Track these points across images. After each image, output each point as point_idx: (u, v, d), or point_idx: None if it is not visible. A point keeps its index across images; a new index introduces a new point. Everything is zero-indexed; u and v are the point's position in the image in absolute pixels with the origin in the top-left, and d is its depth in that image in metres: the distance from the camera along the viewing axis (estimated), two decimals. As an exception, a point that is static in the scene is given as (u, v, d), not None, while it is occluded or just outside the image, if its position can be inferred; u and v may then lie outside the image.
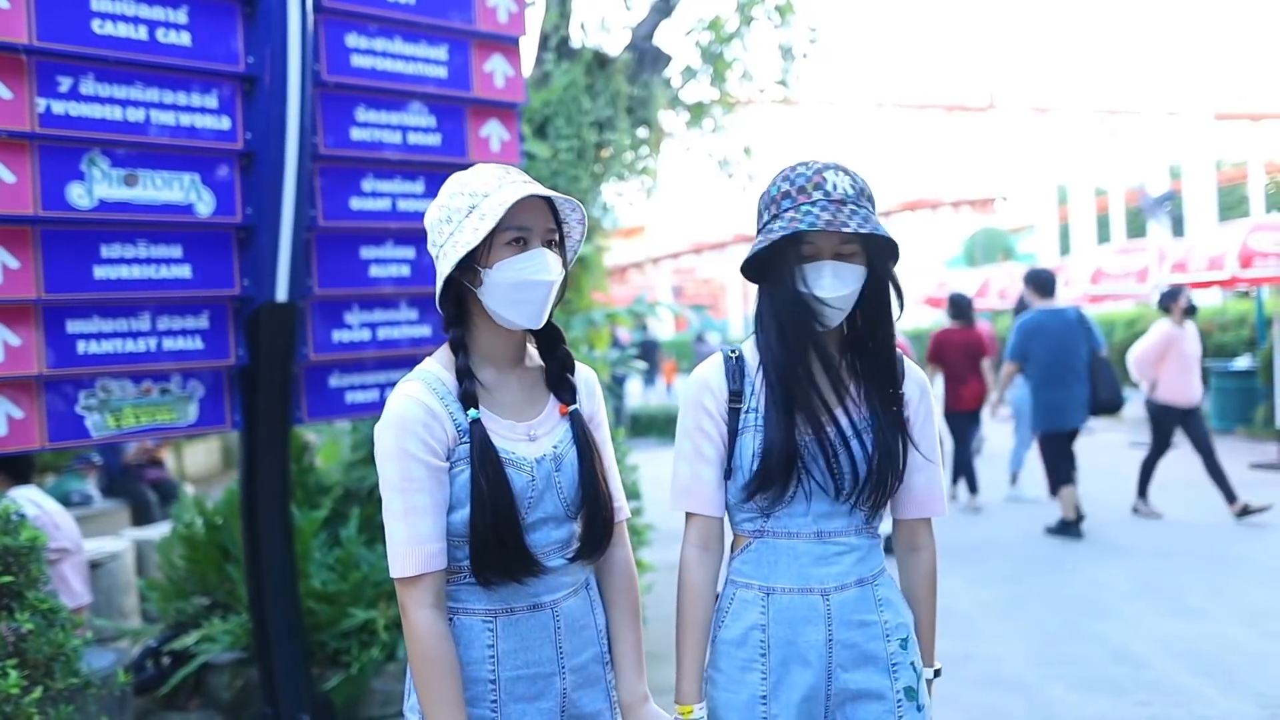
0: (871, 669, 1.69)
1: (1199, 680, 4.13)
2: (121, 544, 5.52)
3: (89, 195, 3.03)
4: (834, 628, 1.67)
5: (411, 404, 1.52)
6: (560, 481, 1.60)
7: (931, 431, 1.78)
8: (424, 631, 1.48)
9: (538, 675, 1.59)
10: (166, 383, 3.31)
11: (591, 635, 1.67)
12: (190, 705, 4.17)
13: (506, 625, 1.57)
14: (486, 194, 1.54)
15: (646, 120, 5.99)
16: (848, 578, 1.69)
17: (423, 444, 1.50)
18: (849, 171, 1.68)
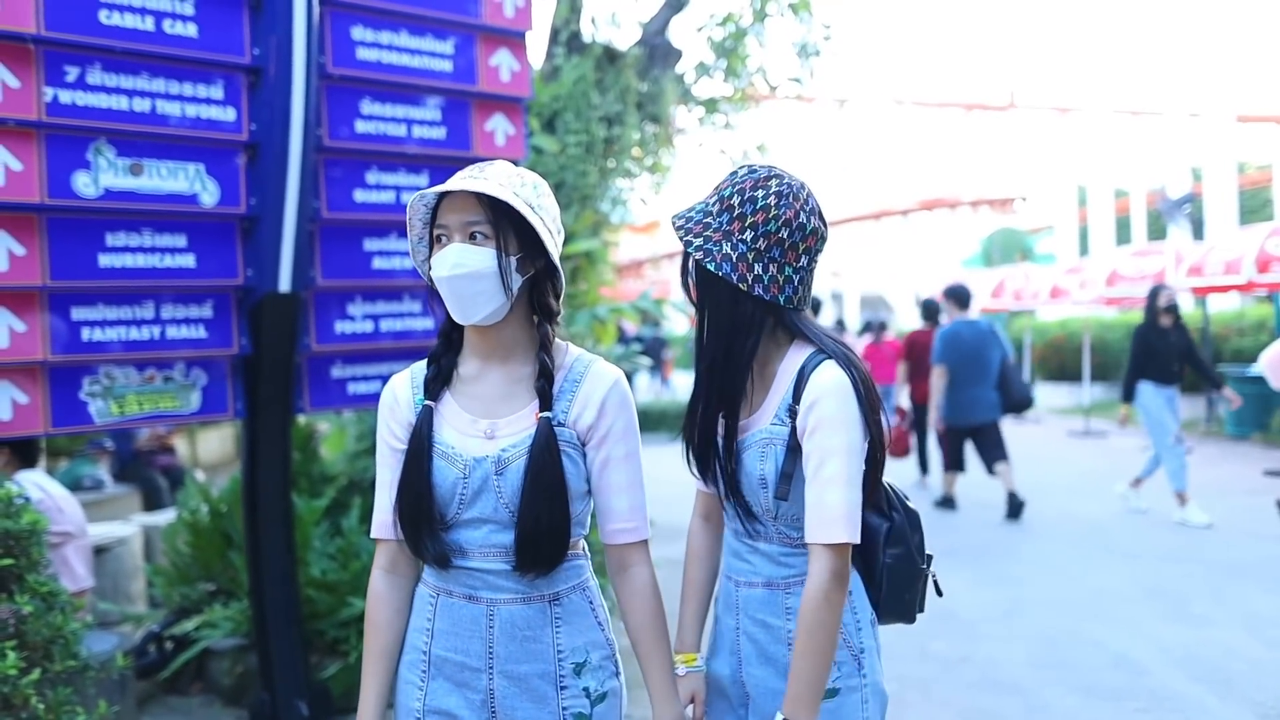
0: (770, 669, 1.73)
1: (1198, 688, 4.11)
2: (130, 529, 5.57)
3: (95, 184, 3.06)
4: (741, 619, 1.77)
5: (386, 390, 1.71)
6: (500, 486, 1.57)
7: (820, 446, 1.59)
8: (370, 590, 1.71)
9: (464, 665, 1.62)
10: (170, 370, 3.34)
11: (543, 650, 1.61)
12: (192, 690, 4.22)
13: (444, 606, 1.65)
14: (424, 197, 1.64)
15: (656, 116, 5.98)
16: (756, 576, 1.75)
17: (386, 426, 1.69)
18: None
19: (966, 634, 4.91)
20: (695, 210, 1.69)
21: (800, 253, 1.65)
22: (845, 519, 1.57)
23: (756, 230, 1.62)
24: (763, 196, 1.63)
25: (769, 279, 1.63)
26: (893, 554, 1.76)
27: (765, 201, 1.63)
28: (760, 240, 1.62)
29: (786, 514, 1.68)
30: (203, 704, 4.12)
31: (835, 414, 1.59)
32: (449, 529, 1.61)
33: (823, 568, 1.58)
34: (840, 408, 1.60)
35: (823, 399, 1.60)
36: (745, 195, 1.64)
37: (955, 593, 5.61)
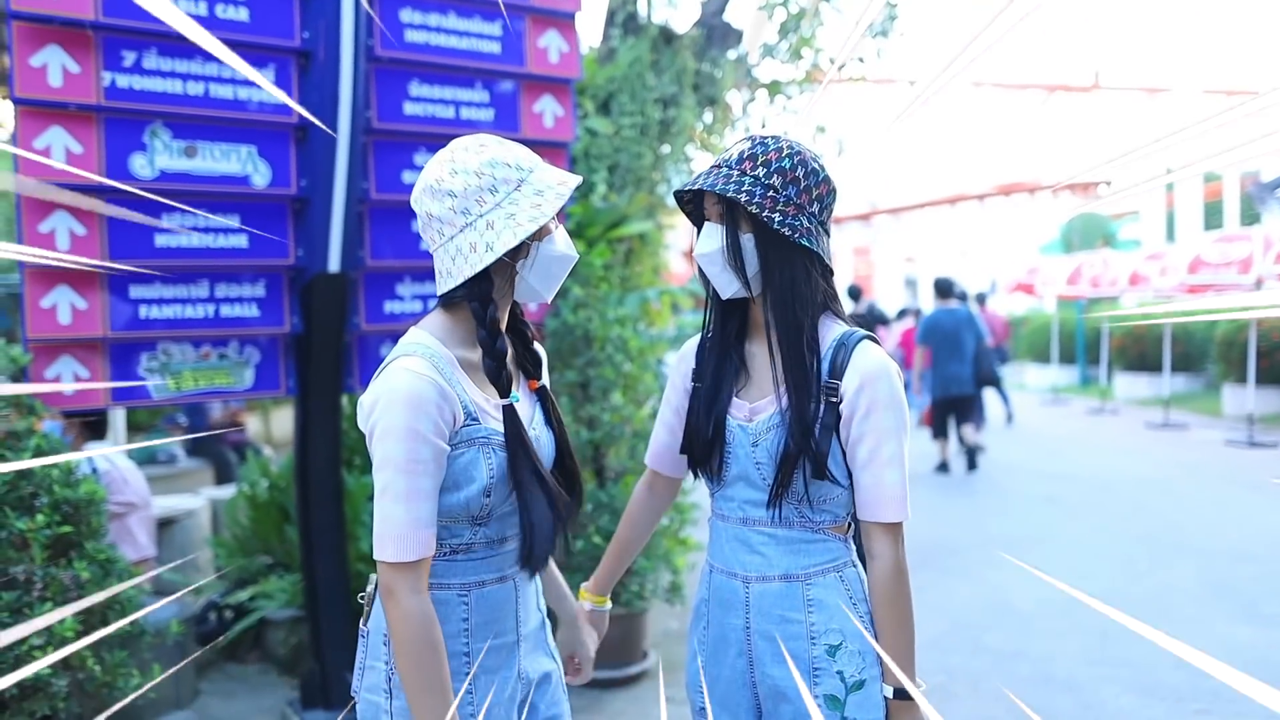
0: (788, 669, 1.64)
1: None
2: (198, 502, 5.76)
3: (151, 166, 3.15)
4: (752, 616, 1.67)
5: (424, 383, 1.45)
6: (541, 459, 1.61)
7: (875, 428, 1.58)
8: (419, 617, 1.44)
9: (503, 645, 1.60)
10: (224, 348, 3.44)
11: (536, 601, 1.71)
12: (249, 658, 4.35)
13: (479, 598, 1.57)
14: (531, 169, 1.52)
15: (714, 98, 5.92)
16: (770, 570, 1.66)
17: (433, 425, 1.45)
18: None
19: (1022, 628, 4.79)
20: (743, 181, 1.58)
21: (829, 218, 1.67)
22: (904, 498, 1.61)
23: (822, 203, 1.62)
24: (820, 167, 1.62)
25: (828, 251, 1.65)
26: None
27: (825, 173, 1.63)
28: (824, 212, 1.63)
29: (815, 495, 1.63)
30: (259, 672, 4.25)
31: (888, 396, 1.60)
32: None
33: (887, 546, 1.61)
34: (891, 389, 1.60)
35: (875, 381, 1.59)
36: (808, 166, 1.60)
37: (1012, 585, 5.48)
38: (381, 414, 1.45)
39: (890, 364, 1.62)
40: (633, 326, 4.48)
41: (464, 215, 1.50)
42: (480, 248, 1.48)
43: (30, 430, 3.00)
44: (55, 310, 3.09)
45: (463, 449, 1.50)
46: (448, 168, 1.52)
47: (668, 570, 4.31)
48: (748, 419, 1.67)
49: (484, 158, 1.52)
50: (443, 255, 1.53)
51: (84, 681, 2.96)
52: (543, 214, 1.48)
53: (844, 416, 1.61)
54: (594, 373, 4.08)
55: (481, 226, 1.49)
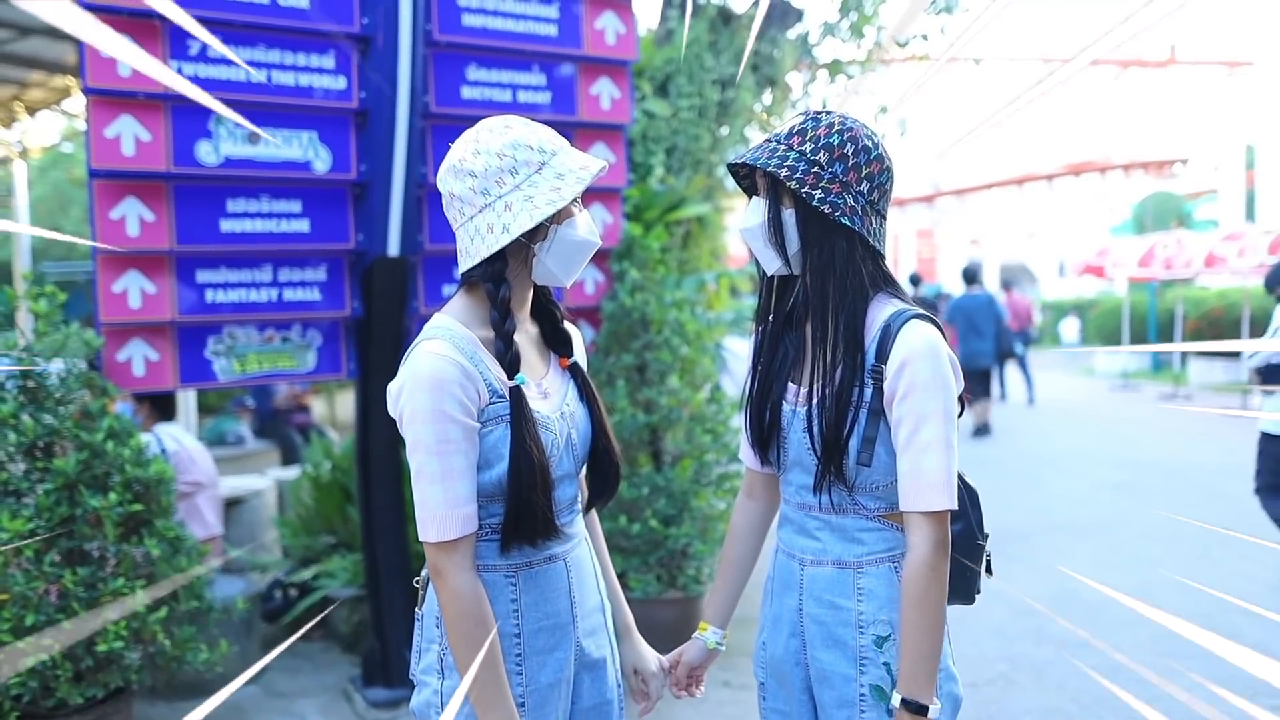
0: (838, 653, 1.62)
1: (1346, 686, 3.80)
2: (265, 482, 5.91)
3: (216, 152, 3.22)
4: (804, 599, 1.66)
5: (446, 364, 1.46)
6: (574, 439, 1.62)
7: (914, 410, 1.51)
8: (470, 594, 1.47)
9: (555, 626, 1.60)
10: (287, 331, 3.50)
11: (593, 583, 1.70)
12: (314, 635, 4.45)
13: (527, 579, 1.57)
14: (554, 151, 1.52)
15: (773, 78, 5.85)
16: (824, 554, 1.64)
17: (459, 404, 1.46)
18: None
19: (1090, 616, 4.68)
20: (788, 156, 1.55)
21: (889, 202, 1.60)
22: (945, 485, 1.50)
23: (872, 182, 1.56)
24: (873, 145, 1.56)
25: (878, 231, 1.58)
26: (955, 529, 1.66)
27: (878, 151, 1.56)
28: (875, 192, 1.56)
29: (866, 482, 1.59)
30: (323, 649, 4.34)
31: (929, 376, 1.51)
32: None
33: (924, 538, 1.51)
34: (934, 369, 1.51)
35: (914, 361, 1.51)
36: (859, 143, 1.55)
37: (1081, 572, 5.35)
38: (408, 399, 1.47)
39: (936, 343, 1.53)
40: (690, 310, 4.46)
41: (484, 195, 1.50)
42: (497, 229, 1.49)
43: (104, 410, 3.09)
44: (126, 295, 3.18)
45: (491, 426, 1.51)
46: (471, 147, 1.52)
47: (724, 554, 4.29)
48: (798, 402, 1.63)
49: (507, 139, 1.51)
50: (463, 235, 1.54)
51: (155, 655, 3.06)
52: (561, 197, 1.48)
53: (886, 398, 1.55)
54: (651, 356, 4.07)
55: (500, 208, 1.49)
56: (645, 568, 3.99)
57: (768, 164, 1.55)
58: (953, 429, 1.52)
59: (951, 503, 1.51)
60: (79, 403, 3.04)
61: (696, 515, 4.08)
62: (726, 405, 4.30)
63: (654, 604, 4.03)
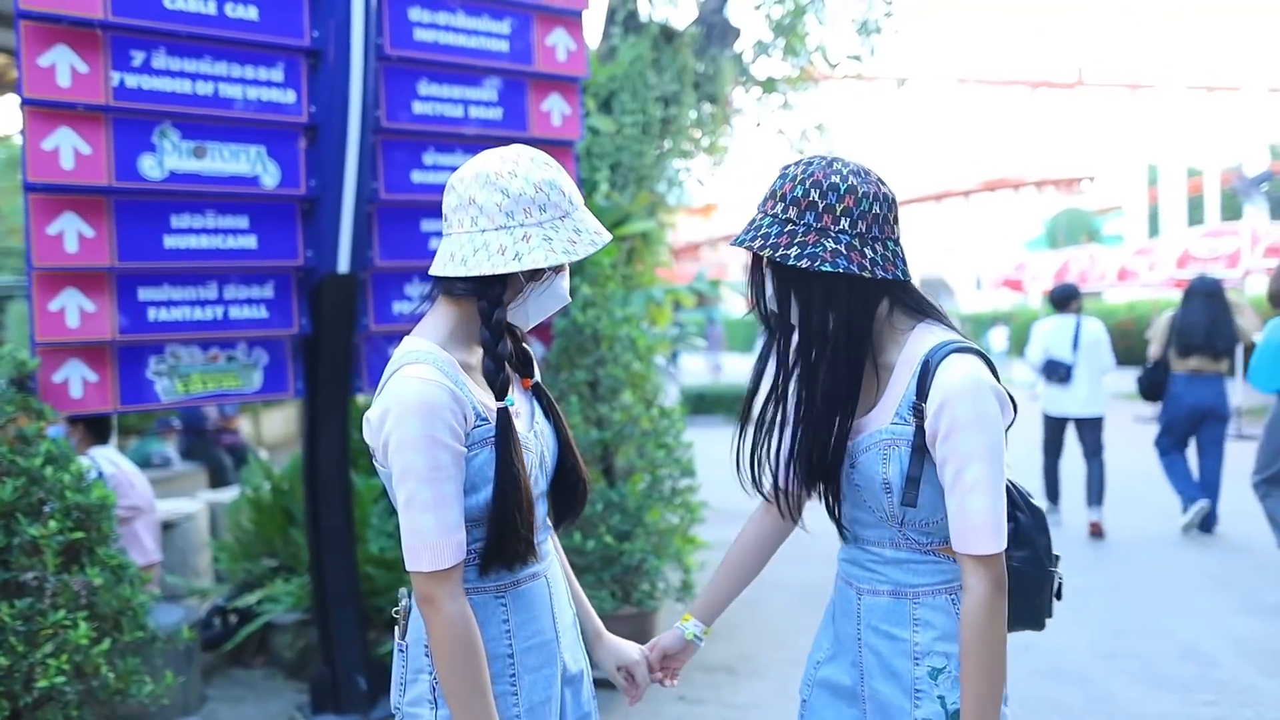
0: (894, 685, 1.60)
1: (1271, 682, 3.98)
2: (196, 505, 5.72)
3: (160, 167, 3.12)
4: (862, 628, 1.64)
5: (436, 389, 1.44)
6: (546, 456, 1.64)
7: (956, 450, 1.49)
8: (464, 622, 1.45)
9: (543, 643, 1.60)
10: (233, 350, 3.41)
11: (568, 597, 1.71)
12: (255, 662, 4.32)
13: (515, 598, 1.57)
14: (577, 207, 1.54)
15: (714, 96, 5.92)
16: (881, 584, 1.62)
17: (450, 430, 1.44)
18: None
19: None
20: (763, 224, 1.55)
21: (894, 223, 1.56)
22: (992, 527, 1.48)
23: (852, 215, 1.51)
24: (842, 180, 1.52)
25: (882, 259, 1.53)
26: (1019, 557, 1.63)
27: (849, 184, 1.52)
28: (860, 223, 1.52)
29: (914, 520, 1.57)
30: (265, 676, 4.22)
31: (971, 415, 1.48)
32: None
33: (979, 580, 1.49)
34: (975, 407, 1.48)
35: (954, 399, 1.49)
36: (824, 185, 1.52)
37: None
38: (395, 425, 1.44)
39: (977, 378, 1.50)
40: (638, 325, 4.47)
41: (507, 217, 1.49)
42: (509, 253, 1.48)
43: (39, 434, 2.97)
44: (63, 313, 3.06)
45: (477, 449, 1.50)
46: (509, 167, 1.51)
47: (678, 569, 4.31)
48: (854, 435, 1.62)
49: (545, 176, 1.52)
50: (464, 242, 1.50)
51: (96, 689, 2.93)
52: (575, 252, 1.50)
53: (928, 437, 1.52)
54: (603, 372, 4.07)
55: (519, 235, 1.48)
56: (599, 584, 3.98)
57: (743, 240, 1.56)
58: (998, 467, 1.49)
59: (999, 544, 1.49)
60: (13, 427, 2.91)
61: (650, 530, 4.08)
62: (678, 420, 4.32)
63: (609, 620, 3.96)
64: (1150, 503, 7.57)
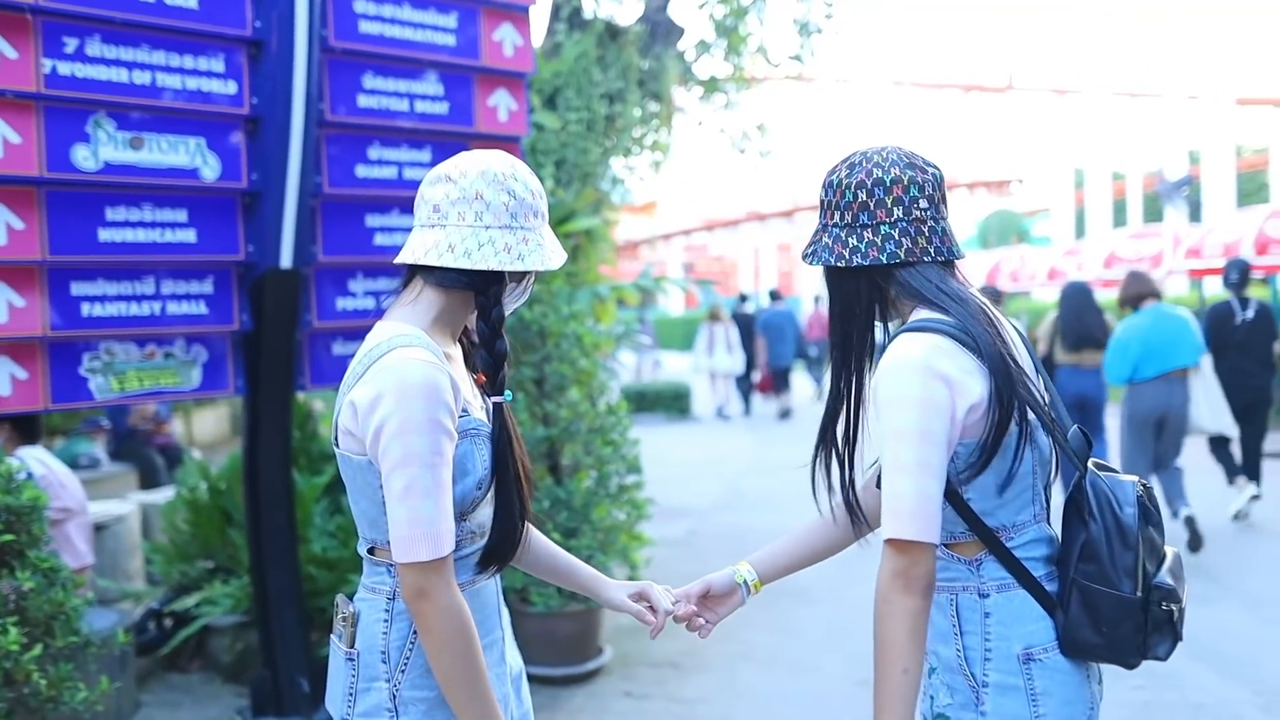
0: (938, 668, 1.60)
1: (1196, 666, 4.13)
2: (127, 507, 5.56)
3: (94, 157, 3.02)
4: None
5: (437, 371, 1.42)
6: None
7: (879, 431, 1.47)
8: (459, 611, 1.43)
9: (494, 641, 1.59)
10: (170, 347, 3.32)
11: (500, 597, 1.69)
12: (191, 667, 4.22)
13: (472, 596, 1.54)
14: (543, 217, 1.58)
15: (658, 94, 5.94)
16: None
17: (450, 414, 1.43)
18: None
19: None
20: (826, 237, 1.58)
21: (890, 205, 1.50)
22: (892, 510, 1.40)
23: (840, 209, 1.54)
24: (835, 177, 1.56)
25: (865, 245, 1.51)
26: (1085, 571, 1.48)
27: (836, 178, 1.55)
28: (846, 214, 1.53)
29: None
30: (202, 681, 4.13)
31: (885, 395, 1.43)
32: None
33: (883, 566, 1.41)
34: (891, 387, 1.42)
35: (880, 379, 1.45)
36: (826, 186, 1.57)
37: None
38: (396, 408, 1.39)
39: (904, 358, 1.43)
40: (584, 322, 4.47)
41: (511, 217, 1.51)
42: (514, 252, 1.50)
43: (-34, 435, 2.86)
44: (-9, 308, 2.95)
45: (460, 441, 1.48)
46: (511, 170, 1.54)
47: (625, 565, 4.32)
48: None
49: (538, 185, 1.59)
50: (466, 235, 1.48)
51: (28, 697, 2.83)
52: (555, 261, 1.56)
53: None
54: (549, 368, 4.06)
55: (519, 237, 1.51)
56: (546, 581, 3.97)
57: (808, 258, 1.59)
58: (909, 449, 1.39)
59: (900, 530, 1.38)
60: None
61: (597, 527, 4.09)
62: (624, 417, 4.33)
63: (555, 618, 4.01)
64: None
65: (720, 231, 34.97)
